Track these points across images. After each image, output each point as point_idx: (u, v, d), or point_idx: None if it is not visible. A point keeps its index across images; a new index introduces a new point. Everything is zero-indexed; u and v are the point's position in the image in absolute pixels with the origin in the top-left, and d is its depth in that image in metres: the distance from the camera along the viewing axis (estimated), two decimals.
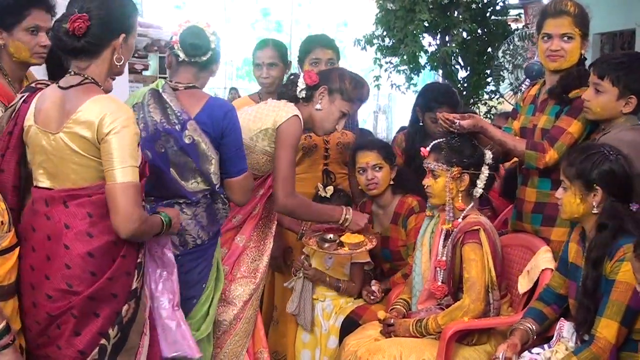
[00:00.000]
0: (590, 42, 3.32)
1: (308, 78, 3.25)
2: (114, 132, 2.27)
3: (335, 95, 3.26)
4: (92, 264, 2.33)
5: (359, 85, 3.32)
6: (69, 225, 2.34)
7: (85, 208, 2.35)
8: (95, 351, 2.32)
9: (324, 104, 3.26)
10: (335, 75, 3.30)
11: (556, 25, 3.21)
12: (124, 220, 2.29)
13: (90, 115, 2.29)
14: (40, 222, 2.38)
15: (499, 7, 9.48)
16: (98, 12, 2.37)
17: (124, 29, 2.44)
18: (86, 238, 2.33)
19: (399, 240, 3.83)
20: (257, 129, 3.13)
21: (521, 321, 2.92)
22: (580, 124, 3.14)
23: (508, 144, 3.24)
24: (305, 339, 3.77)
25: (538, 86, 3.46)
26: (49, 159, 2.37)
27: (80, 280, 2.32)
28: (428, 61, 9.61)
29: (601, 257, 2.62)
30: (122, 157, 2.28)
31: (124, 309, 2.37)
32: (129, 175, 2.29)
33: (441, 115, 3.31)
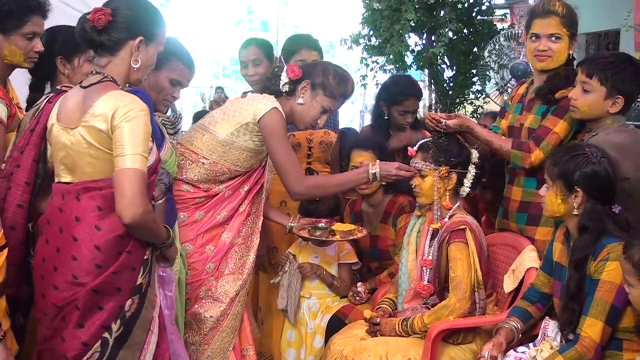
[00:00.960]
0: None
1: (291, 72, 3.22)
2: (125, 120, 2.30)
3: (318, 90, 3.23)
4: (99, 256, 2.36)
5: (343, 81, 3.27)
6: (79, 217, 2.38)
7: (96, 201, 2.38)
8: (97, 344, 2.35)
9: (305, 99, 3.24)
10: (319, 70, 3.27)
11: (544, 25, 3.22)
12: (129, 204, 2.29)
13: (105, 108, 2.34)
14: (55, 215, 2.43)
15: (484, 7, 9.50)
16: (122, 10, 2.45)
17: (143, 33, 2.48)
18: (94, 231, 2.36)
19: (388, 240, 3.83)
20: (238, 123, 3.11)
21: (506, 320, 2.93)
22: (566, 123, 3.15)
23: (494, 143, 3.25)
24: (291, 338, 3.77)
25: (526, 85, 3.48)
26: (69, 154, 2.43)
27: (86, 273, 2.35)
28: (414, 61, 9.63)
29: (583, 258, 2.63)
30: (133, 144, 2.30)
31: (128, 304, 2.40)
32: (137, 162, 2.30)
33: (428, 114, 3.32)
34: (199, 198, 3.13)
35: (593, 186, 2.66)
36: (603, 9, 9.35)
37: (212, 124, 3.15)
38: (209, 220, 3.15)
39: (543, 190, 2.81)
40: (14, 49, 2.84)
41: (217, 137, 3.12)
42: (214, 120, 3.17)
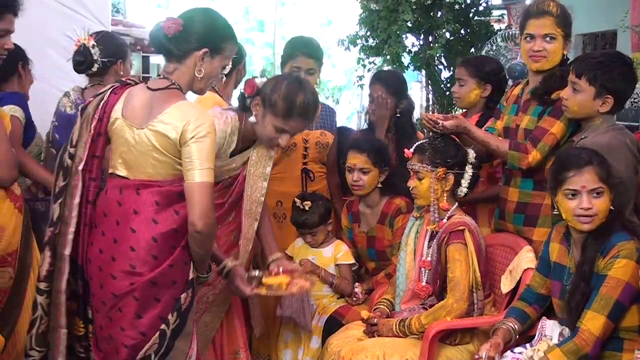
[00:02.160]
0: (573, 43, 3.32)
1: (247, 87, 3.03)
2: (196, 137, 2.44)
3: (267, 107, 2.97)
4: (155, 248, 2.49)
5: (288, 99, 2.94)
6: (137, 211, 2.51)
7: (154, 196, 2.52)
8: (156, 335, 2.48)
9: (258, 117, 3.00)
10: (271, 84, 3.00)
11: (538, 25, 3.22)
12: (202, 215, 2.45)
13: (175, 119, 2.47)
14: (112, 208, 2.57)
15: (481, 8, 9.52)
16: (193, 22, 2.59)
17: (209, 46, 2.59)
18: (151, 224, 2.50)
19: (384, 240, 3.83)
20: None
21: (503, 321, 2.94)
22: (562, 124, 3.16)
23: (491, 144, 3.25)
24: (288, 339, 3.76)
25: (521, 86, 3.47)
26: (130, 150, 2.55)
27: (143, 263, 2.48)
28: (411, 62, 9.64)
29: (594, 257, 2.64)
30: (201, 160, 2.45)
31: (183, 297, 2.54)
32: (205, 176, 2.46)
33: (425, 115, 3.32)
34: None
35: None
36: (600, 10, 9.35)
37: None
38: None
39: (589, 202, 2.67)
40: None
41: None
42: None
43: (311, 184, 4.01)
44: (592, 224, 2.68)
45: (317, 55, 4.01)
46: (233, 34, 2.72)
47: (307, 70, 3.93)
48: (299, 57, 3.95)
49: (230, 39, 2.69)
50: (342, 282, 3.81)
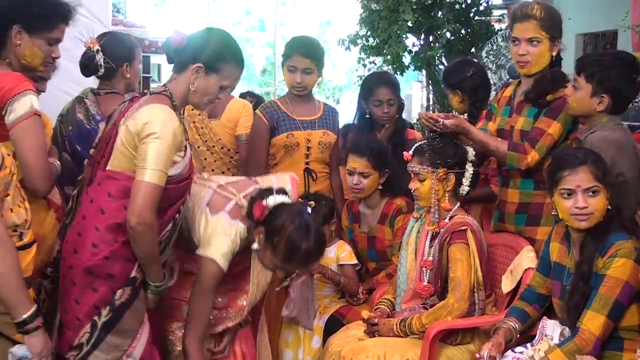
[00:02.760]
0: (573, 43, 3.34)
1: (257, 212, 2.80)
2: (152, 137, 2.51)
3: (268, 244, 2.82)
4: (97, 237, 2.55)
5: (292, 247, 2.79)
6: (93, 200, 2.62)
7: (109, 189, 2.60)
8: (88, 325, 2.54)
9: (260, 246, 2.85)
10: (279, 221, 2.80)
11: (522, 29, 3.21)
12: (137, 213, 2.49)
13: (142, 117, 2.55)
14: (83, 199, 2.72)
15: (482, 8, 9.54)
16: (196, 37, 2.73)
17: (204, 62, 2.67)
18: (98, 213, 2.58)
19: (385, 240, 3.83)
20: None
21: (504, 320, 2.94)
22: (559, 125, 3.16)
23: (490, 145, 3.24)
24: (289, 339, 3.76)
25: (512, 87, 3.46)
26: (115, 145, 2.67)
27: (83, 248, 2.55)
28: (412, 61, 9.65)
29: (593, 256, 2.64)
30: (153, 161, 2.50)
31: (119, 292, 2.56)
32: (154, 177, 2.50)
33: (424, 114, 3.32)
34: None
35: None
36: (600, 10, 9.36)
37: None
38: None
39: (585, 201, 2.68)
40: (37, 51, 2.85)
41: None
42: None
43: (313, 184, 4.00)
44: (589, 222, 2.68)
45: (314, 54, 3.97)
46: (235, 57, 2.77)
47: (303, 70, 3.93)
48: (295, 56, 3.94)
49: (229, 61, 2.74)
50: (349, 282, 3.81)
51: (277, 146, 3.92)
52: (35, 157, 2.66)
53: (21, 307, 2.33)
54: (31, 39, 2.82)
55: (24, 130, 2.65)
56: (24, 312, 2.33)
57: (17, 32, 2.78)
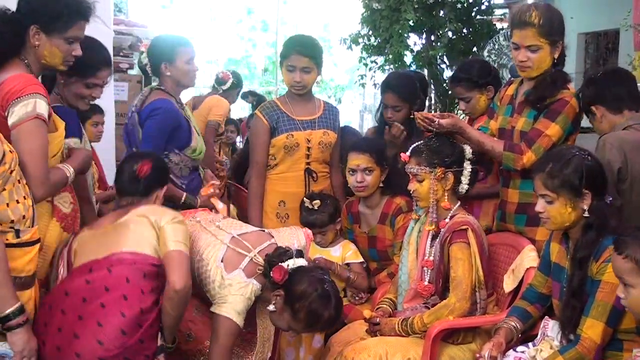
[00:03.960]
0: (575, 42, 3.35)
1: (278, 275, 2.82)
2: (174, 220, 2.78)
3: (288, 309, 2.83)
4: (124, 322, 2.55)
5: (315, 316, 2.82)
6: (109, 288, 2.60)
7: (125, 274, 2.63)
8: None
9: (277, 308, 2.87)
10: (300, 287, 2.82)
11: (521, 36, 3.19)
12: (182, 281, 2.64)
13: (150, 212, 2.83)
14: (89, 283, 2.67)
15: (484, 7, 9.53)
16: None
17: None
18: (121, 300, 2.58)
19: (386, 240, 3.83)
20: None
21: (506, 320, 2.93)
22: (558, 127, 3.15)
23: (486, 144, 3.24)
24: (290, 338, 3.76)
25: (515, 86, 3.45)
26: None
27: (112, 338, 2.52)
28: (413, 60, 9.64)
29: (587, 256, 2.62)
30: (177, 236, 2.74)
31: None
32: (183, 247, 2.72)
33: (419, 114, 3.31)
34: None
35: (596, 182, 2.66)
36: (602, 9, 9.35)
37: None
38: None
39: (542, 206, 2.73)
40: (55, 51, 2.83)
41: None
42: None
43: (314, 184, 4.00)
44: (549, 226, 2.77)
45: (312, 53, 3.94)
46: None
47: (302, 69, 3.91)
48: (293, 55, 3.93)
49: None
50: (358, 277, 3.82)
51: (277, 147, 3.92)
52: (31, 160, 2.60)
53: (4, 303, 2.32)
54: (49, 38, 2.80)
55: (22, 133, 2.61)
56: (6, 308, 2.33)
57: (35, 32, 2.77)
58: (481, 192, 3.66)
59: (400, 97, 4.11)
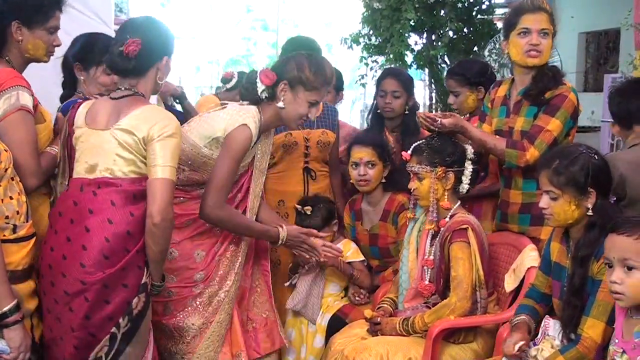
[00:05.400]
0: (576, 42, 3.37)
1: (265, 78, 3.09)
2: (162, 136, 2.55)
3: (298, 88, 3.11)
4: (107, 248, 2.52)
5: (320, 71, 3.14)
6: (92, 210, 2.56)
7: (111, 196, 2.57)
8: (106, 338, 2.53)
9: (287, 100, 3.12)
10: (292, 66, 3.12)
11: (535, 20, 3.21)
12: (160, 208, 2.52)
13: (142, 120, 2.58)
14: (68, 207, 2.61)
15: (484, 6, 9.53)
16: (146, 37, 2.68)
17: (167, 53, 2.76)
18: (106, 224, 2.54)
19: (388, 238, 3.84)
20: (209, 137, 3.05)
21: (519, 316, 2.90)
22: (559, 122, 3.15)
23: (488, 143, 3.24)
24: (291, 338, 3.77)
25: (506, 86, 3.44)
26: (95, 152, 2.62)
27: (94, 262, 2.50)
28: (414, 60, 9.65)
29: (589, 255, 2.62)
30: (165, 158, 2.55)
31: (135, 301, 2.57)
32: (167, 173, 2.55)
33: (421, 113, 3.32)
34: (179, 199, 3.08)
35: (601, 181, 2.66)
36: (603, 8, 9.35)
37: (191, 134, 3.09)
38: (199, 224, 3.12)
39: (546, 202, 2.73)
40: (38, 42, 2.89)
41: (197, 149, 3.06)
42: (191, 129, 3.12)
43: (313, 183, 4.00)
44: (551, 222, 2.77)
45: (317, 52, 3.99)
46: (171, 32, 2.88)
47: None
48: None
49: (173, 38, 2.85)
50: (361, 274, 3.83)
51: (276, 145, 3.91)
52: (20, 151, 2.65)
53: (1, 300, 2.36)
54: (31, 32, 2.84)
55: (9, 126, 2.64)
56: (4, 305, 2.36)
57: (17, 27, 2.81)
58: (479, 193, 3.67)
59: (400, 83, 4.14)
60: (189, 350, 3.09)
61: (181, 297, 3.08)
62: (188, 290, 3.08)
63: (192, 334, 3.08)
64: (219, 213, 3.03)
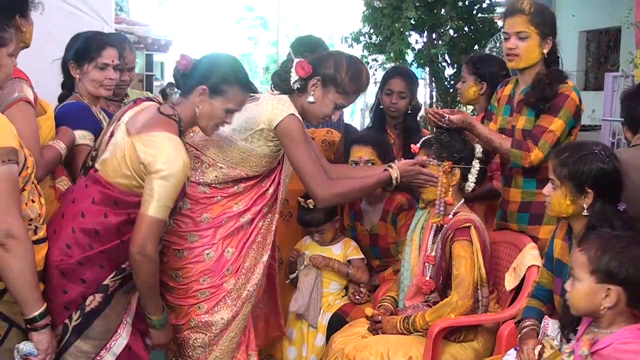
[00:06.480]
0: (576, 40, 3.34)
1: (301, 69, 3.05)
2: (163, 174, 2.52)
3: (329, 87, 3.07)
4: (71, 238, 2.56)
5: (356, 76, 3.10)
6: (75, 200, 2.63)
7: (94, 194, 2.60)
8: (60, 327, 2.55)
9: (317, 96, 3.08)
10: (330, 64, 3.09)
11: (511, 23, 3.22)
12: (138, 243, 2.52)
13: (153, 147, 2.55)
14: (70, 191, 2.76)
15: (485, 5, 9.52)
16: (201, 61, 2.77)
17: (209, 85, 2.71)
18: (78, 216, 2.58)
19: (388, 237, 3.84)
20: (251, 130, 3.00)
21: (526, 322, 2.86)
22: (561, 121, 3.15)
23: (494, 141, 3.24)
24: (292, 336, 3.77)
25: (511, 85, 3.45)
26: (114, 150, 2.65)
27: (58, 248, 2.55)
28: (415, 59, 9.65)
29: None
30: (160, 197, 2.52)
31: (89, 299, 2.57)
32: (159, 212, 2.53)
33: (430, 110, 3.32)
34: (216, 197, 3.07)
35: (604, 186, 2.63)
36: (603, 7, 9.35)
37: (225, 128, 3.02)
38: (233, 221, 3.08)
39: (548, 190, 2.75)
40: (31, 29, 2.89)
41: (234, 144, 3.03)
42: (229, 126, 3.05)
43: None
44: (548, 211, 2.80)
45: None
46: (240, 80, 2.77)
47: None
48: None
49: (234, 84, 2.74)
50: (358, 271, 3.84)
51: None
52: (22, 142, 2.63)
53: (33, 305, 2.37)
54: (27, 20, 2.82)
55: (9, 117, 2.60)
56: (35, 310, 2.37)
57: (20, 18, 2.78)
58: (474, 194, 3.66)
59: (407, 84, 4.13)
60: (212, 343, 3.04)
61: (215, 295, 3.03)
62: (221, 289, 3.04)
63: (219, 328, 3.04)
64: (334, 191, 3.05)
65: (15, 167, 2.31)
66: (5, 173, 2.26)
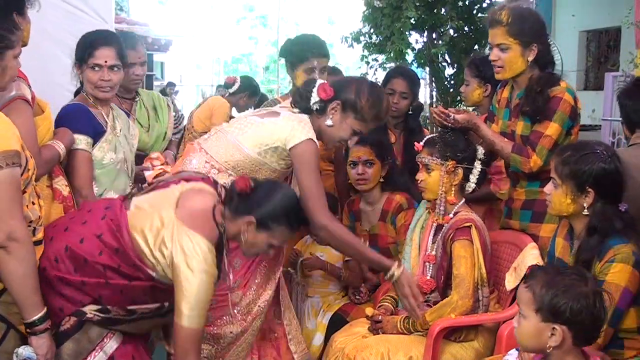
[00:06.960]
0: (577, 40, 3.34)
1: (322, 91, 3.01)
2: (198, 272, 2.44)
3: (349, 112, 3.03)
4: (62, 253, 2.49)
5: (376, 105, 3.05)
6: (86, 222, 2.56)
7: (104, 231, 2.51)
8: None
9: (335, 120, 3.05)
10: (352, 89, 3.04)
11: (492, 35, 3.23)
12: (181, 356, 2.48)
13: (184, 252, 2.45)
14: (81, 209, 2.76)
15: (485, 5, 9.52)
16: (261, 191, 2.68)
17: (256, 216, 2.63)
18: (78, 239, 2.50)
19: (387, 238, 3.84)
20: (266, 145, 2.99)
21: None
22: (557, 125, 3.15)
23: (497, 144, 3.25)
24: None
25: (509, 88, 3.45)
26: (156, 208, 2.58)
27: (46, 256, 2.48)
28: (415, 58, 9.65)
29: (590, 259, 2.62)
30: (196, 302, 2.44)
31: (65, 319, 2.50)
32: (195, 322, 2.45)
33: (436, 109, 3.31)
34: None
35: (605, 186, 2.63)
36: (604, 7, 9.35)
37: (241, 138, 3.01)
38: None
39: (549, 188, 2.77)
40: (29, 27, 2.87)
41: (247, 155, 3.00)
42: (243, 133, 3.04)
43: None
44: (549, 209, 2.82)
45: (327, 52, 3.89)
46: (290, 222, 2.70)
47: (321, 69, 3.84)
48: (311, 57, 3.77)
49: (282, 224, 2.67)
50: (351, 275, 3.84)
51: None
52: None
53: (33, 308, 2.36)
54: (24, 18, 2.81)
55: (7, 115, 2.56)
56: (35, 314, 2.36)
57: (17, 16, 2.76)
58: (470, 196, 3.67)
59: (409, 85, 4.13)
60: (219, 355, 3.04)
61: (220, 306, 3.00)
62: (226, 298, 2.99)
63: (228, 341, 3.04)
64: (333, 226, 2.97)
65: (18, 170, 2.30)
66: (8, 176, 2.26)
